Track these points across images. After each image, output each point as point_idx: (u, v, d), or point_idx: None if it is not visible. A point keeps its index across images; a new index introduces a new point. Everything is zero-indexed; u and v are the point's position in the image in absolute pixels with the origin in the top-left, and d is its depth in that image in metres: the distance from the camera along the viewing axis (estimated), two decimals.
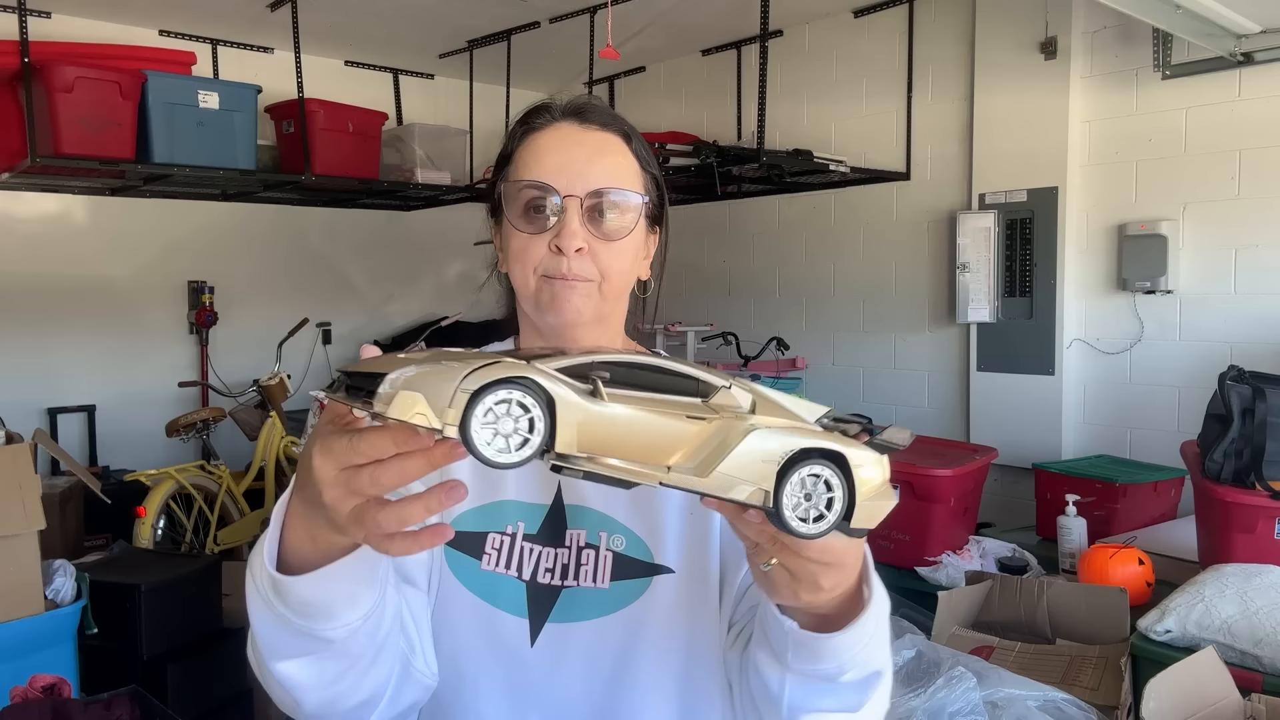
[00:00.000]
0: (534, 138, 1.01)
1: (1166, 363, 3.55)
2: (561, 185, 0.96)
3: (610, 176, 0.98)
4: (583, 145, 0.99)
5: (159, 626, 2.73)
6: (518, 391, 0.60)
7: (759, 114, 3.78)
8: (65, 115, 3.41)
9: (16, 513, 2.33)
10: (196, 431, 4.28)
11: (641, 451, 0.64)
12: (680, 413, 0.65)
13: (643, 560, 0.99)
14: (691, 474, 0.65)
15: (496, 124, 4.96)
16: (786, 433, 0.67)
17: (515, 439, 0.60)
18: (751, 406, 0.68)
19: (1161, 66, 3.47)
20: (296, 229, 5.11)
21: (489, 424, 0.59)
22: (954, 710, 1.84)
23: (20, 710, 1.88)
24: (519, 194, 0.98)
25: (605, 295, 0.99)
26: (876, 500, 0.69)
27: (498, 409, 0.59)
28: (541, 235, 0.96)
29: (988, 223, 3.89)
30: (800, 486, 0.67)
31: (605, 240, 0.97)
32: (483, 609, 0.97)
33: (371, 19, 4.45)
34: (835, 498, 0.67)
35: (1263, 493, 2.30)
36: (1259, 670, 2.00)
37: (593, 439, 0.62)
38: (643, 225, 1.02)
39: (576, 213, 0.96)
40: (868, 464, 0.69)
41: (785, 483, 0.66)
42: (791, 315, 4.74)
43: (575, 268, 0.96)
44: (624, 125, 1.03)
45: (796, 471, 0.66)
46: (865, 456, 0.69)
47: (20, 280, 4.33)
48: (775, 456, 0.66)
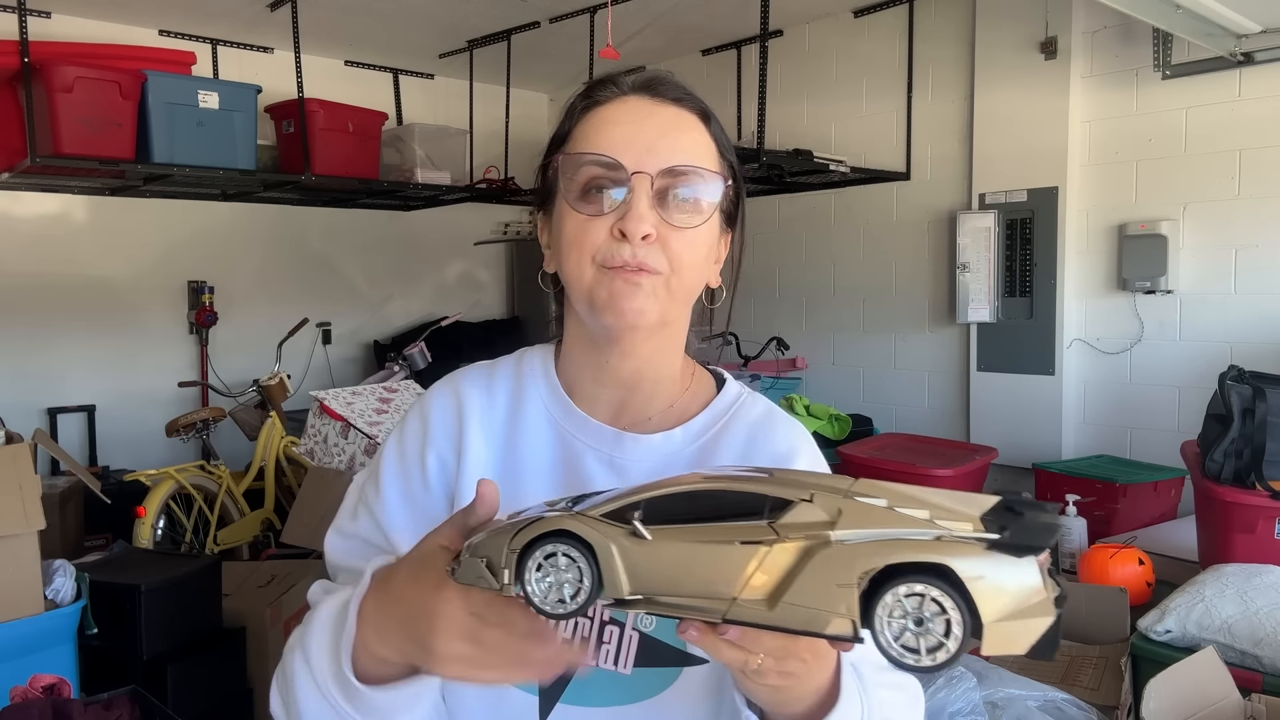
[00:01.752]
0: (597, 112, 0.86)
1: (1166, 363, 3.55)
2: (630, 161, 0.81)
3: (686, 154, 0.84)
4: (655, 118, 0.85)
5: (159, 626, 2.72)
6: (561, 545, 0.61)
7: (759, 114, 3.78)
8: (65, 115, 3.41)
9: (16, 513, 2.32)
10: (196, 431, 4.27)
11: (700, 586, 0.59)
12: (734, 538, 0.59)
13: (674, 647, 0.85)
14: (760, 608, 0.58)
15: (496, 124, 4.96)
16: (869, 547, 0.56)
17: (568, 587, 0.61)
18: (835, 517, 0.57)
19: (1161, 66, 3.47)
20: (296, 229, 5.11)
21: (543, 578, 0.62)
22: (954, 710, 1.84)
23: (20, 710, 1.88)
24: (578, 170, 0.83)
25: (674, 294, 0.84)
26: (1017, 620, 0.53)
27: (546, 564, 0.62)
28: (603, 218, 0.82)
29: (988, 223, 3.89)
30: (900, 612, 0.54)
31: (677, 227, 0.83)
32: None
33: (371, 19, 4.45)
34: (952, 621, 0.54)
35: (1263, 493, 2.30)
36: (1259, 670, 1.99)
37: (644, 580, 0.60)
38: (718, 219, 0.88)
39: (646, 193, 0.81)
40: (993, 574, 0.53)
41: (875, 607, 0.55)
42: (791, 315, 4.74)
43: (641, 256, 0.81)
44: (702, 104, 0.90)
45: (889, 593, 0.54)
46: (988, 565, 0.53)
47: (20, 280, 4.33)
48: (851, 578, 0.55)
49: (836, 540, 0.57)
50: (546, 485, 0.89)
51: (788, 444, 0.92)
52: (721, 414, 0.93)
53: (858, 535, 0.56)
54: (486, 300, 5.95)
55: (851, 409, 4.14)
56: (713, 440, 0.91)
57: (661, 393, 0.92)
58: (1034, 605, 0.54)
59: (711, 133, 0.89)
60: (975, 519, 0.57)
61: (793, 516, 0.58)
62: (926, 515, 0.57)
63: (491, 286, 5.99)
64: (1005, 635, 0.53)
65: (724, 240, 0.92)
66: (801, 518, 0.58)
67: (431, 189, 4.64)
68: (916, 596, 0.54)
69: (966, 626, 0.53)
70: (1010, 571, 0.54)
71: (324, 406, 3.54)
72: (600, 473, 0.89)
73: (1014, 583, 0.54)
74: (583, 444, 0.90)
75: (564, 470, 0.90)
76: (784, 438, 0.92)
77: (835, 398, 4.42)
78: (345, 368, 5.26)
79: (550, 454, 0.90)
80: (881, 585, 0.55)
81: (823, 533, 0.57)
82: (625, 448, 0.89)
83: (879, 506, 0.58)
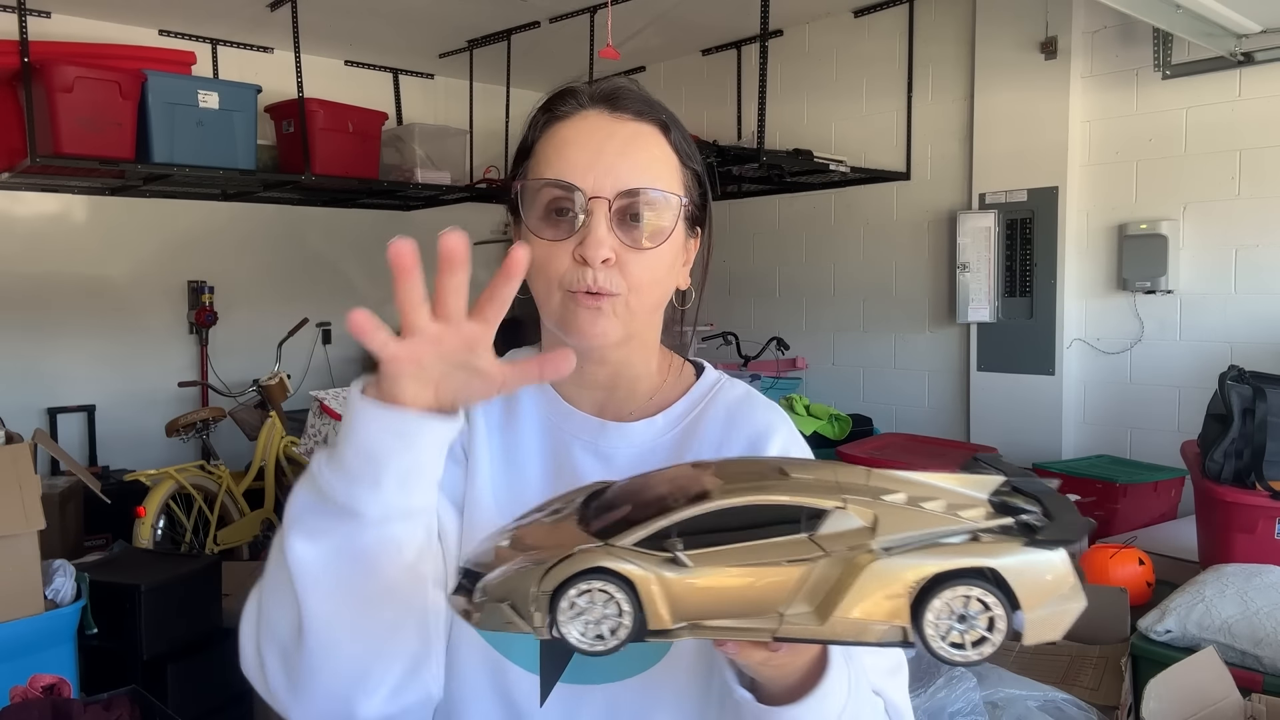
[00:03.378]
0: (557, 128, 0.88)
1: (1166, 363, 3.55)
2: (587, 184, 0.83)
3: (644, 174, 0.85)
4: (613, 138, 0.86)
5: (159, 626, 2.72)
6: (597, 582, 0.58)
7: (759, 114, 3.78)
8: (65, 115, 3.41)
9: (16, 513, 2.32)
10: (196, 431, 4.28)
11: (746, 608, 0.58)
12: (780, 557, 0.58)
13: None
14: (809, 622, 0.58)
15: (496, 124, 4.96)
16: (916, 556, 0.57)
17: (608, 624, 0.59)
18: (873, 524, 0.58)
19: (1162, 66, 3.47)
20: (296, 229, 5.11)
21: (576, 616, 0.59)
22: (954, 710, 1.84)
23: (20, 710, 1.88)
24: (539, 194, 0.86)
25: (635, 311, 0.87)
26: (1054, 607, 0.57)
27: (580, 601, 0.58)
28: (565, 243, 0.84)
29: (988, 222, 3.89)
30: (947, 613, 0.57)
31: (636, 249, 0.85)
32: (492, 658, 0.89)
33: (371, 19, 4.45)
34: (996, 616, 0.56)
35: (1263, 493, 2.30)
36: (1259, 670, 1.99)
37: (688, 607, 0.58)
38: (681, 229, 0.90)
39: (604, 217, 0.83)
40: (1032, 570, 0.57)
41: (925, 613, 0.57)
42: (791, 315, 4.74)
43: (602, 281, 0.84)
44: (661, 113, 0.90)
45: (937, 598, 0.57)
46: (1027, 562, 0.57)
47: (20, 280, 4.33)
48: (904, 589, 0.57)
49: (880, 548, 0.57)
50: (539, 471, 0.93)
51: (765, 423, 0.94)
52: (700, 399, 0.96)
53: (899, 540, 0.58)
54: None
55: (851, 409, 4.14)
56: (693, 424, 0.94)
57: (640, 388, 0.95)
58: (1067, 593, 0.57)
59: (672, 143, 0.90)
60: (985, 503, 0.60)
61: (831, 526, 0.59)
62: (943, 505, 0.59)
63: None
64: (1044, 624, 0.57)
65: (691, 243, 0.95)
66: (840, 526, 0.58)
67: (431, 189, 4.64)
68: (962, 598, 0.56)
69: (1009, 621, 0.56)
70: (1046, 565, 0.57)
71: (324, 406, 3.54)
72: (587, 461, 0.92)
73: (1050, 575, 0.57)
74: (570, 435, 0.94)
75: (553, 459, 0.94)
76: (761, 417, 0.95)
77: (835, 398, 4.42)
78: (345, 368, 5.26)
79: (541, 444, 0.94)
80: (929, 591, 0.57)
81: (866, 542, 0.58)
82: (610, 437, 0.93)
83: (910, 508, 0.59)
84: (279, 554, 0.75)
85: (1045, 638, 0.57)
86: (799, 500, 0.59)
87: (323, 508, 0.72)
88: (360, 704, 0.77)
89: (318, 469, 0.72)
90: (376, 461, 0.69)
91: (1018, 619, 0.57)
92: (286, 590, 0.74)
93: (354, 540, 0.72)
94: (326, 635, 0.74)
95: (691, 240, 0.95)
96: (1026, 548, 0.57)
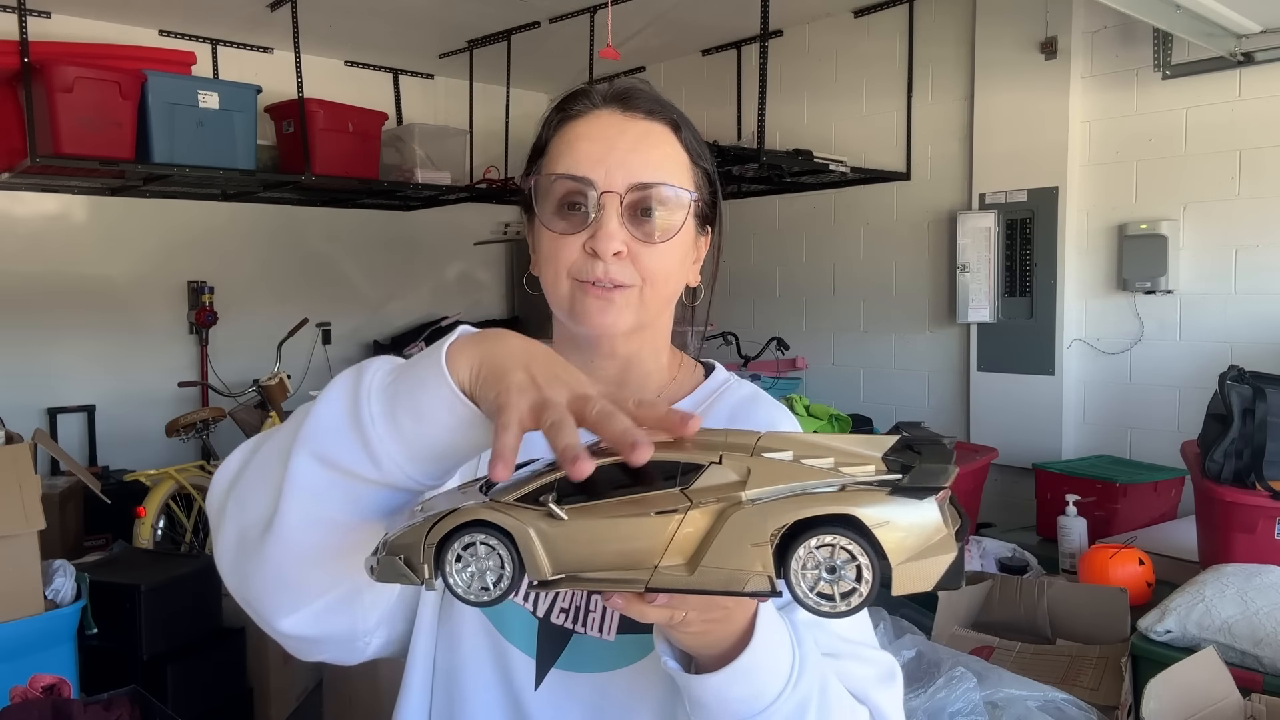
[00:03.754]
0: (570, 126, 0.90)
1: (1166, 363, 3.55)
2: (599, 179, 0.85)
3: (655, 169, 0.87)
4: (625, 134, 0.88)
5: (159, 626, 2.73)
6: (478, 534, 0.61)
7: (759, 114, 3.78)
8: (65, 115, 3.41)
9: (16, 513, 2.33)
10: (196, 431, 4.28)
11: (620, 559, 0.60)
12: (649, 509, 0.60)
13: None
14: (679, 573, 0.60)
15: (496, 124, 4.96)
16: (779, 506, 0.58)
17: (491, 575, 0.62)
18: (744, 476, 0.59)
19: (1162, 66, 3.47)
20: (296, 229, 5.11)
21: (463, 568, 0.62)
22: (954, 710, 1.84)
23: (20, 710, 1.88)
24: (551, 188, 0.88)
25: (647, 302, 0.88)
26: (922, 559, 0.57)
27: (465, 554, 0.62)
28: (576, 235, 0.86)
29: (988, 223, 3.89)
30: (813, 563, 0.57)
31: (647, 242, 0.87)
32: (494, 637, 0.90)
33: (371, 19, 4.45)
34: (862, 565, 0.57)
35: (1263, 493, 2.30)
36: (1259, 670, 1.99)
37: (565, 558, 0.61)
38: (691, 225, 0.91)
39: (615, 210, 0.85)
40: (898, 519, 0.57)
41: (789, 561, 0.58)
42: (791, 315, 4.74)
43: (613, 272, 0.85)
44: (673, 113, 0.92)
45: (802, 546, 0.57)
46: (891, 510, 0.57)
47: (20, 280, 4.33)
48: (764, 536, 0.58)
49: (748, 500, 0.59)
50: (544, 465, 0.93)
51: (768, 421, 0.95)
52: (707, 396, 0.97)
53: (767, 493, 0.59)
54: (486, 300, 5.95)
55: (851, 409, 4.14)
56: None
57: (649, 384, 0.96)
58: (937, 543, 0.57)
59: (683, 142, 0.92)
60: (878, 460, 0.60)
61: (704, 480, 0.60)
62: (831, 463, 0.60)
63: (491, 286, 5.99)
64: (913, 575, 0.57)
65: (701, 240, 0.96)
66: (712, 480, 0.60)
67: (431, 189, 4.64)
68: (827, 547, 0.57)
69: (876, 571, 0.57)
70: (913, 513, 0.57)
71: None
72: None
73: (917, 524, 0.57)
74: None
75: None
76: (764, 415, 0.95)
77: (835, 398, 4.42)
78: (345, 368, 5.24)
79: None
80: (793, 540, 0.58)
81: (734, 494, 0.59)
82: None
83: (785, 461, 0.60)
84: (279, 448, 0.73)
85: (915, 588, 0.57)
86: (675, 456, 0.61)
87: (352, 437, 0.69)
88: (285, 617, 0.77)
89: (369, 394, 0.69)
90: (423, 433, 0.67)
91: (885, 568, 0.57)
92: (271, 486, 0.72)
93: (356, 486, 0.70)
94: (287, 551, 0.73)
95: (701, 238, 0.96)
96: (892, 496, 0.57)
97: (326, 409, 0.71)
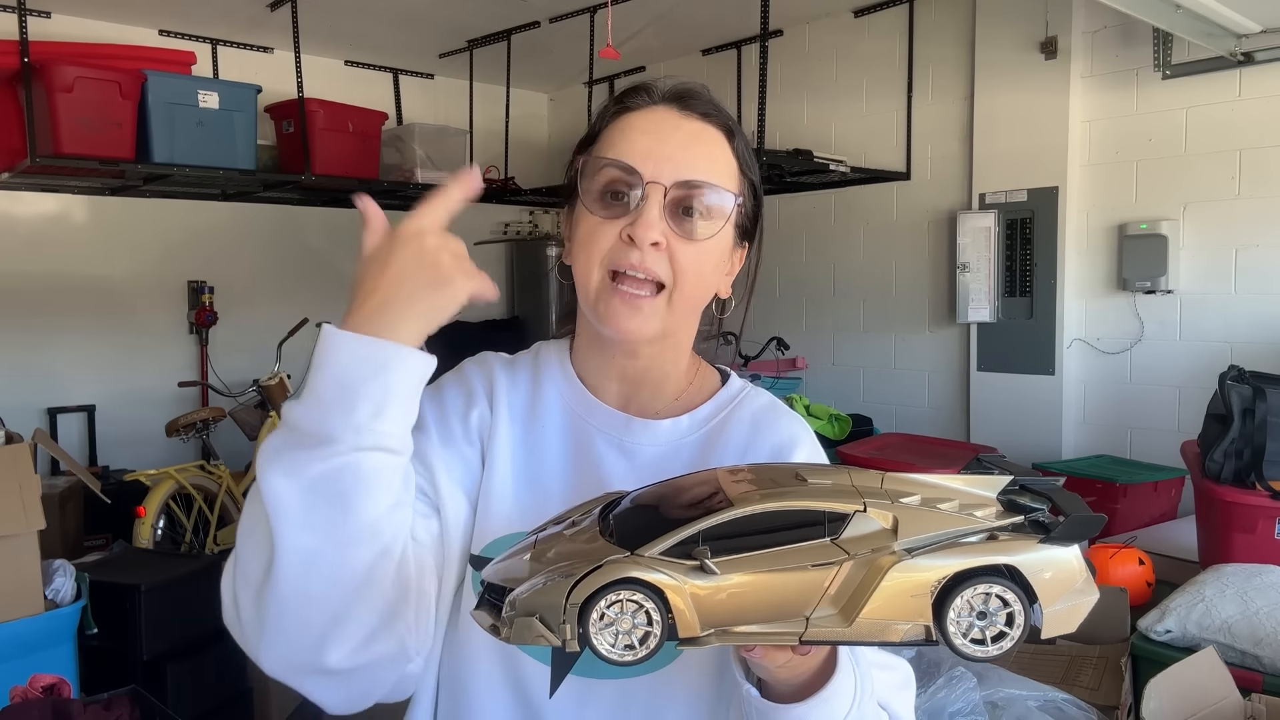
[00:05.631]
0: (625, 118, 0.90)
1: (1166, 363, 3.55)
2: (647, 170, 0.85)
3: (704, 169, 0.87)
4: (679, 131, 0.88)
5: (159, 626, 2.72)
6: (626, 592, 0.59)
7: (759, 114, 3.78)
8: (65, 115, 3.41)
9: (16, 513, 2.32)
10: (196, 431, 4.28)
11: (773, 612, 0.59)
12: (805, 561, 0.59)
13: None
14: (835, 624, 0.59)
15: (496, 124, 4.96)
16: (938, 555, 0.59)
17: (638, 633, 0.59)
18: (893, 526, 0.60)
19: (1162, 66, 3.47)
20: (296, 229, 5.11)
21: (605, 627, 0.59)
22: (954, 710, 1.84)
23: (20, 710, 1.88)
24: (598, 173, 0.87)
25: (674, 306, 0.87)
26: (1070, 600, 0.59)
27: (610, 612, 0.59)
28: (615, 222, 0.85)
29: (988, 222, 3.89)
30: (968, 611, 0.59)
31: (686, 239, 0.86)
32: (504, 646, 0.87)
33: (371, 19, 4.45)
34: (1015, 612, 0.58)
35: (1263, 493, 2.30)
36: (1259, 670, 1.99)
37: (716, 614, 0.59)
38: (730, 233, 0.91)
39: (659, 202, 0.84)
40: (1050, 566, 0.59)
41: (947, 610, 0.58)
42: (791, 315, 4.74)
43: (648, 262, 0.84)
44: (729, 120, 0.92)
45: (959, 596, 0.58)
46: (1044, 559, 0.59)
47: (20, 280, 4.33)
48: (927, 589, 0.59)
49: (902, 549, 0.59)
50: (560, 463, 0.93)
51: (789, 434, 0.95)
52: (726, 404, 0.97)
53: (920, 541, 0.59)
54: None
55: (851, 409, 4.14)
56: (717, 428, 0.95)
57: (668, 387, 0.96)
58: (1080, 586, 0.60)
59: (734, 149, 0.91)
60: (994, 502, 0.62)
61: (853, 530, 0.60)
62: (956, 505, 0.61)
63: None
64: (1061, 618, 0.59)
65: (738, 254, 0.96)
66: (861, 529, 0.60)
67: (431, 189, 4.63)
68: (982, 595, 0.58)
69: (1028, 616, 0.58)
70: (1061, 561, 0.59)
71: None
72: (610, 455, 0.93)
73: (1065, 571, 0.59)
74: (594, 428, 0.94)
75: (576, 451, 0.94)
76: (786, 428, 0.96)
77: (835, 398, 4.42)
78: None
79: (564, 436, 0.94)
80: (951, 589, 0.58)
81: (886, 544, 0.59)
82: (634, 432, 0.93)
83: (927, 509, 0.61)
84: (255, 497, 0.74)
85: (1061, 630, 0.59)
86: (820, 505, 0.60)
87: (298, 441, 0.72)
88: (330, 650, 0.76)
89: (289, 411, 0.73)
90: (350, 389, 0.70)
91: (1036, 613, 0.58)
92: (261, 531, 0.74)
93: (330, 468, 0.71)
94: (300, 575, 0.73)
95: (738, 250, 0.96)
96: (1042, 544, 0.59)
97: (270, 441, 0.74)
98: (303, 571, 0.73)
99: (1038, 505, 0.62)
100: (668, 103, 0.90)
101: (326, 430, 0.71)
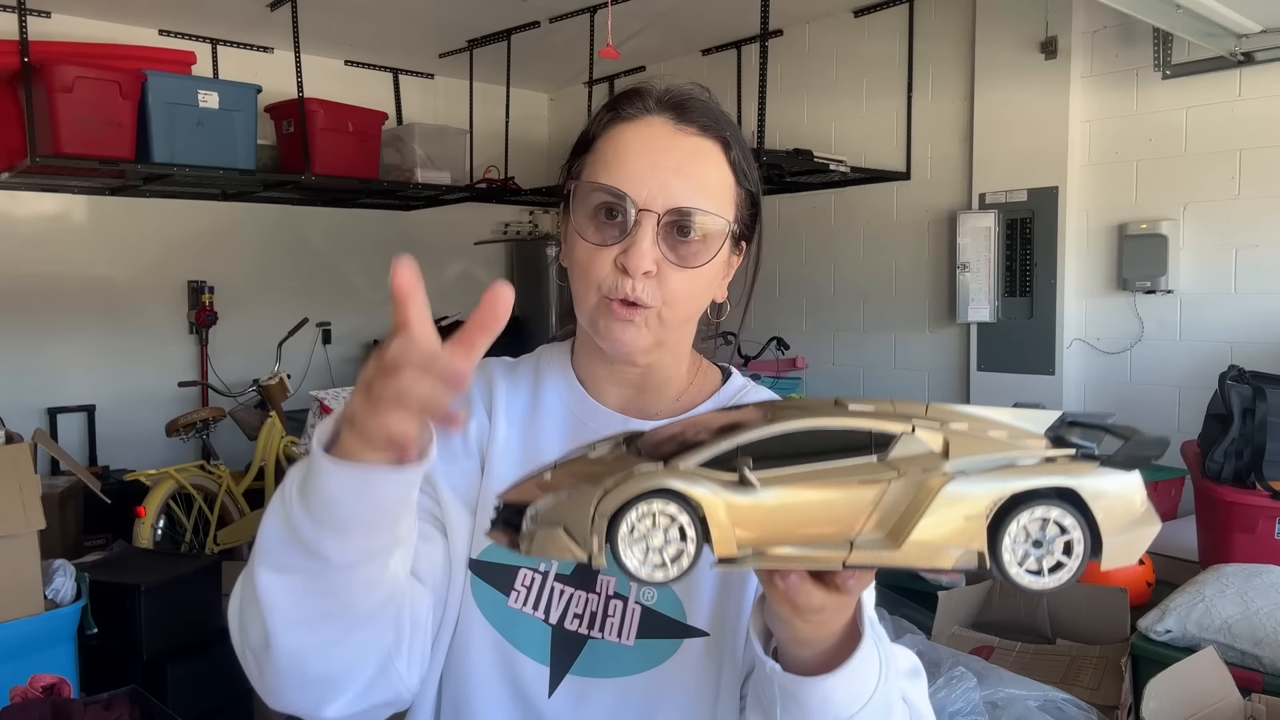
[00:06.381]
0: (620, 129, 0.88)
1: (1166, 363, 3.55)
2: (640, 196, 0.84)
3: (697, 194, 0.85)
4: (673, 151, 0.86)
5: (159, 626, 2.72)
6: (658, 502, 0.54)
7: (759, 114, 3.78)
8: (65, 115, 3.41)
9: (16, 513, 2.32)
10: (196, 431, 4.28)
11: (815, 534, 0.56)
12: (852, 479, 0.56)
13: (674, 619, 0.88)
14: (881, 548, 0.56)
15: (496, 124, 4.96)
16: (993, 477, 0.55)
17: (670, 550, 0.55)
18: (944, 448, 0.56)
19: (1162, 66, 3.47)
20: (296, 229, 5.11)
21: (637, 541, 0.55)
22: (954, 710, 1.84)
23: (20, 710, 1.88)
24: (590, 196, 0.86)
25: (666, 322, 0.88)
26: (1131, 531, 0.56)
27: (641, 526, 0.55)
28: (608, 249, 0.85)
29: (988, 222, 3.89)
30: (1024, 537, 0.55)
31: (678, 265, 0.86)
32: (503, 648, 0.89)
33: (371, 19, 4.45)
34: (1074, 540, 0.55)
35: (1263, 493, 2.30)
36: (1259, 670, 1.99)
37: (755, 531, 0.55)
38: (725, 250, 0.90)
39: (651, 229, 0.84)
40: (1111, 491, 0.55)
41: (1002, 536, 0.55)
42: (791, 315, 4.74)
43: (640, 291, 0.84)
44: (725, 130, 0.90)
45: (1014, 520, 0.55)
46: (1106, 483, 0.55)
47: (20, 280, 4.33)
48: (981, 510, 0.55)
49: (955, 471, 0.55)
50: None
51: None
52: (726, 401, 0.98)
53: (972, 464, 0.56)
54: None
55: None
56: None
57: (669, 389, 0.97)
58: (1142, 515, 0.56)
59: (731, 161, 0.90)
60: (1042, 436, 0.58)
61: (901, 450, 0.56)
62: (1005, 435, 0.57)
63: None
64: (1122, 549, 0.55)
65: (734, 258, 0.95)
66: (910, 450, 0.56)
67: (431, 189, 4.64)
68: (1040, 520, 0.55)
69: (1087, 545, 0.55)
70: (1123, 486, 0.55)
71: (324, 406, 3.54)
72: None
73: (1127, 497, 0.55)
74: (594, 430, 0.93)
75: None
76: None
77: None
78: (345, 368, 5.25)
79: (564, 438, 0.94)
80: (1007, 513, 0.55)
81: (939, 465, 0.56)
82: None
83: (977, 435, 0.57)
84: (248, 574, 0.74)
85: (1123, 562, 0.56)
86: (866, 424, 0.56)
87: (291, 541, 0.70)
88: (326, 707, 0.79)
89: (289, 497, 0.69)
90: (340, 512, 0.67)
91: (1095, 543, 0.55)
92: (255, 606, 0.73)
93: (321, 579, 0.71)
94: (294, 657, 0.75)
95: (735, 256, 0.95)
96: (1103, 468, 0.55)
97: (269, 522, 0.72)
98: (297, 654, 0.74)
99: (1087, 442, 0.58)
100: (664, 111, 0.88)
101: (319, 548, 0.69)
